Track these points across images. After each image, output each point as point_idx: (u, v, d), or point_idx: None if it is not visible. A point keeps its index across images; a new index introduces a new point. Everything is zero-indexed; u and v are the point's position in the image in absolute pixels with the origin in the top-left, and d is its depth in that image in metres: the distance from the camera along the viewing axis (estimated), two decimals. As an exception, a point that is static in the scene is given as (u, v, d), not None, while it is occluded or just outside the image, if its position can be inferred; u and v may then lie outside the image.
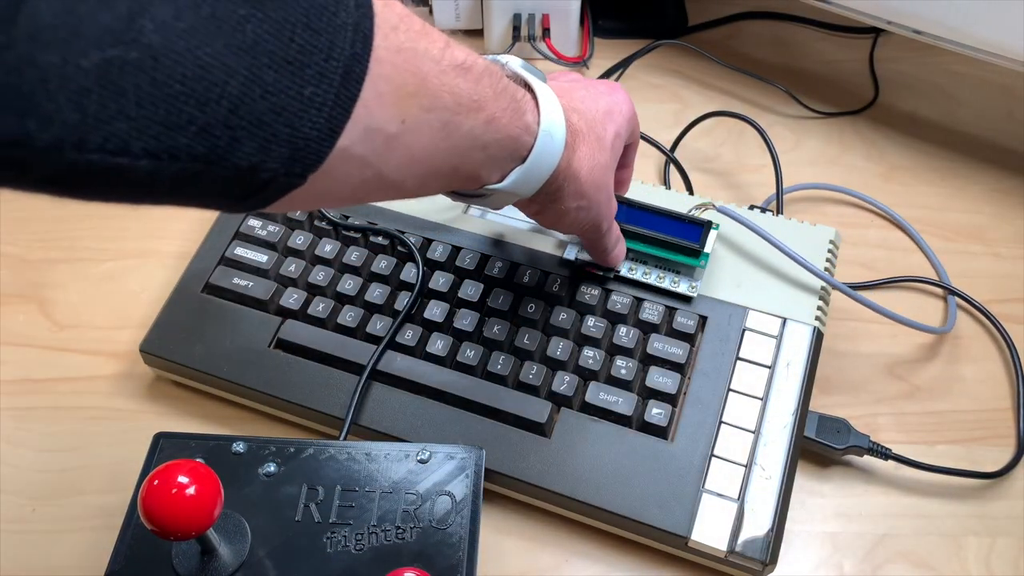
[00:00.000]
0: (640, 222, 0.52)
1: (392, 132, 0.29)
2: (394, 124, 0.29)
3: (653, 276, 0.51)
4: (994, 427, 0.52)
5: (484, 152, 0.35)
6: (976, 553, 0.48)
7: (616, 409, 0.47)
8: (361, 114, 0.27)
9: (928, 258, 0.60)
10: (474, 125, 0.33)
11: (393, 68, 0.28)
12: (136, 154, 0.23)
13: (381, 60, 0.28)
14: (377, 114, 0.28)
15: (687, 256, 0.51)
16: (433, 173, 0.34)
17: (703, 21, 0.76)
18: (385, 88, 0.28)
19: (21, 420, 0.52)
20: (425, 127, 0.31)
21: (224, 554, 0.41)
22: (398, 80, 0.29)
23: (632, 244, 0.51)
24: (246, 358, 0.50)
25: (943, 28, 0.58)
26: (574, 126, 0.41)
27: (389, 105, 0.29)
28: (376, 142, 0.29)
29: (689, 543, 0.44)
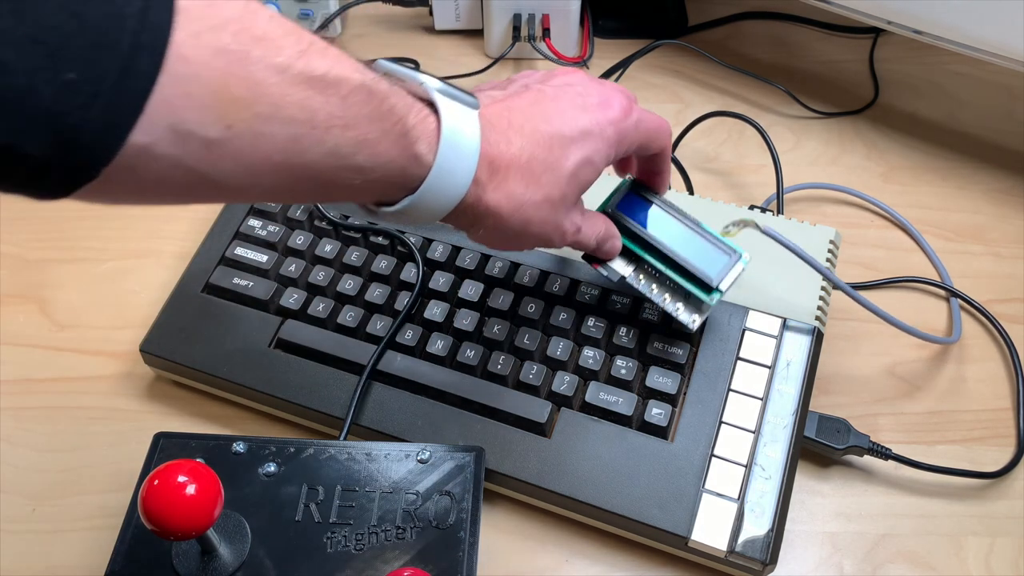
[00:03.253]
0: (663, 233, 0.47)
1: (213, 137, 0.28)
2: (214, 129, 0.28)
3: (656, 294, 0.47)
4: (994, 427, 0.52)
5: (362, 175, 0.33)
6: (976, 553, 0.48)
7: (616, 409, 0.47)
8: (162, 111, 0.26)
9: (929, 258, 0.60)
10: (339, 144, 0.31)
11: (208, 68, 0.27)
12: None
13: (188, 58, 0.26)
14: (186, 115, 0.27)
15: (699, 287, 0.46)
16: (296, 185, 0.32)
17: (703, 21, 0.76)
18: (197, 89, 0.27)
19: (21, 420, 0.52)
20: (264, 137, 0.29)
21: (224, 554, 0.41)
22: (217, 82, 0.27)
23: (643, 253, 0.47)
24: (246, 358, 0.50)
25: (943, 28, 0.58)
26: (498, 158, 0.37)
27: (204, 108, 0.27)
28: (191, 145, 0.28)
29: (689, 543, 0.44)
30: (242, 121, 0.28)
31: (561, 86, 0.42)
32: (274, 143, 0.30)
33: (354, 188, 0.34)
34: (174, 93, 0.26)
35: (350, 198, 0.35)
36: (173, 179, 0.29)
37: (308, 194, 0.34)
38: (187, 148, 0.28)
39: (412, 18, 0.77)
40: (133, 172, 0.27)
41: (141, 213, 0.62)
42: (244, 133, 0.29)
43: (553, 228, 0.41)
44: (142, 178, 0.28)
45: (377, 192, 0.36)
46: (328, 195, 0.34)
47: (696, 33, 0.76)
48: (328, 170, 0.32)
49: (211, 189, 0.30)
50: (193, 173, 0.29)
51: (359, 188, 0.34)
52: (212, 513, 0.36)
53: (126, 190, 0.28)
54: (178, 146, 0.27)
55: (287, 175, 0.31)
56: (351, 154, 0.32)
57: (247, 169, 0.30)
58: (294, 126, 0.30)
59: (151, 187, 0.29)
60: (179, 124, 0.27)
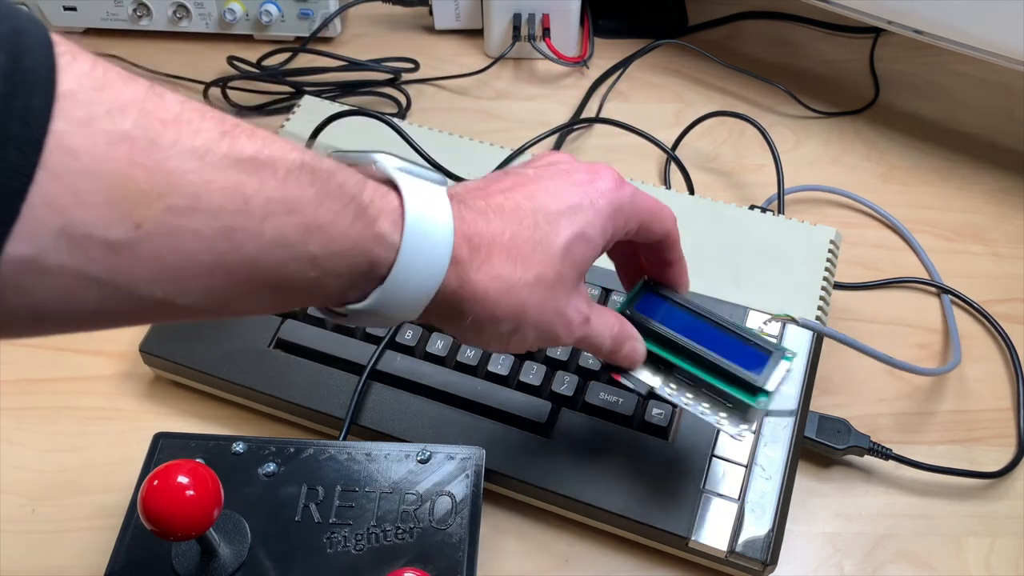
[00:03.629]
0: (693, 333, 0.41)
1: (118, 239, 0.24)
2: (119, 228, 0.24)
3: (694, 405, 0.40)
4: (994, 427, 0.52)
5: (315, 265, 0.28)
6: (976, 553, 0.48)
7: (616, 409, 0.47)
8: (45, 214, 0.22)
9: (920, 259, 0.60)
10: (283, 233, 0.27)
11: (103, 160, 0.23)
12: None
13: (75, 150, 0.23)
14: (80, 216, 0.23)
15: (743, 390, 0.40)
16: (238, 289, 0.27)
17: (703, 21, 0.76)
18: (90, 184, 0.23)
19: (21, 420, 0.52)
20: (185, 233, 0.25)
21: (224, 554, 0.41)
22: (116, 175, 0.23)
23: (673, 358, 0.41)
24: (246, 358, 0.50)
25: (943, 28, 0.58)
26: (477, 236, 0.33)
27: (101, 205, 0.23)
28: (92, 251, 0.23)
29: (689, 543, 0.44)
30: (152, 218, 0.24)
31: (544, 166, 0.38)
32: (199, 240, 0.25)
33: (312, 285, 0.29)
34: (59, 191, 0.22)
35: (309, 300, 0.31)
36: (79, 296, 0.24)
37: (256, 300, 0.29)
38: (88, 255, 0.24)
39: (412, 18, 0.77)
40: (21, 292, 0.23)
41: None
42: (157, 231, 0.24)
43: (554, 315, 0.35)
44: (37, 299, 0.24)
45: (341, 288, 0.31)
46: (282, 298, 0.30)
47: (696, 33, 0.76)
48: (274, 266, 0.27)
49: (131, 304, 0.26)
50: (103, 285, 0.24)
51: (317, 284, 0.29)
52: (212, 513, 0.36)
53: (20, 315, 0.24)
54: (75, 254, 0.23)
55: (224, 277, 0.27)
56: (300, 242, 0.28)
57: (171, 274, 0.25)
58: (223, 217, 0.26)
59: (52, 308, 0.24)
60: (72, 227, 0.23)
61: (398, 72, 0.69)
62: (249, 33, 0.74)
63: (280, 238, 0.27)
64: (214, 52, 0.73)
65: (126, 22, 0.73)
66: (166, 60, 0.72)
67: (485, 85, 0.72)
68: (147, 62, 0.72)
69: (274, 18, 0.71)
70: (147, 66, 0.71)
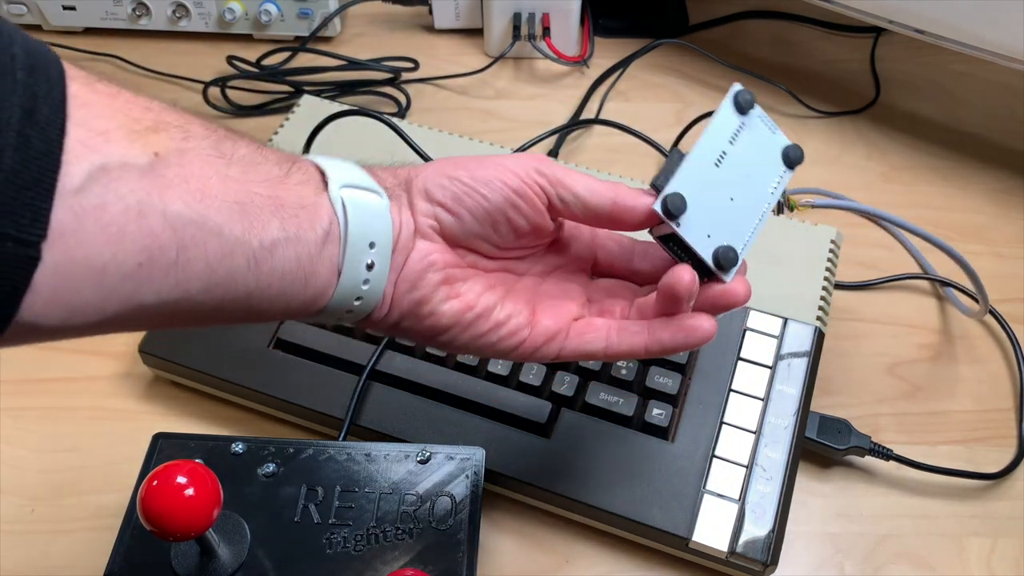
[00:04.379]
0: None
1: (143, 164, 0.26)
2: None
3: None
4: (996, 427, 0.52)
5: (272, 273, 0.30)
6: (977, 554, 0.47)
7: (617, 409, 0.47)
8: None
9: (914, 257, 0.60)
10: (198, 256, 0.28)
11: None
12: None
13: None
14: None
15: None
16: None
17: (704, 20, 0.76)
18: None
19: (21, 420, 0.52)
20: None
21: (223, 554, 0.41)
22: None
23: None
24: (246, 358, 0.50)
25: (944, 27, 0.58)
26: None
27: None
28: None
29: (690, 544, 0.44)
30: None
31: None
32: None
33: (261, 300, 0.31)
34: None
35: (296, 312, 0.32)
36: (125, 233, 0.26)
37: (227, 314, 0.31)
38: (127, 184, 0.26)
39: (412, 17, 0.77)
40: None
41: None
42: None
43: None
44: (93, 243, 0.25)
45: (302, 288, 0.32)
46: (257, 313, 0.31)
47: (697, 32, 0.76)
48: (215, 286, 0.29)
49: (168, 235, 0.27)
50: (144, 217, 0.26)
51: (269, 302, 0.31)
52: (211, 514, 0.36)
53: (75, 275, 0.25)
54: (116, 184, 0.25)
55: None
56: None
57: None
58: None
59: (106, 259, 0.26)
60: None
61: (398, 72, 0.69)
62: (248, 32, 0.74)
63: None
64: (213, 51, 0.73)
65: (125, 21, 0.73)
66: (165, 60, 0.72)
67: (485, 85, 0.72)
68: (146, 62, 0.72)
69: (273, 17, 0.71)
70: (146, 66, 0.71)
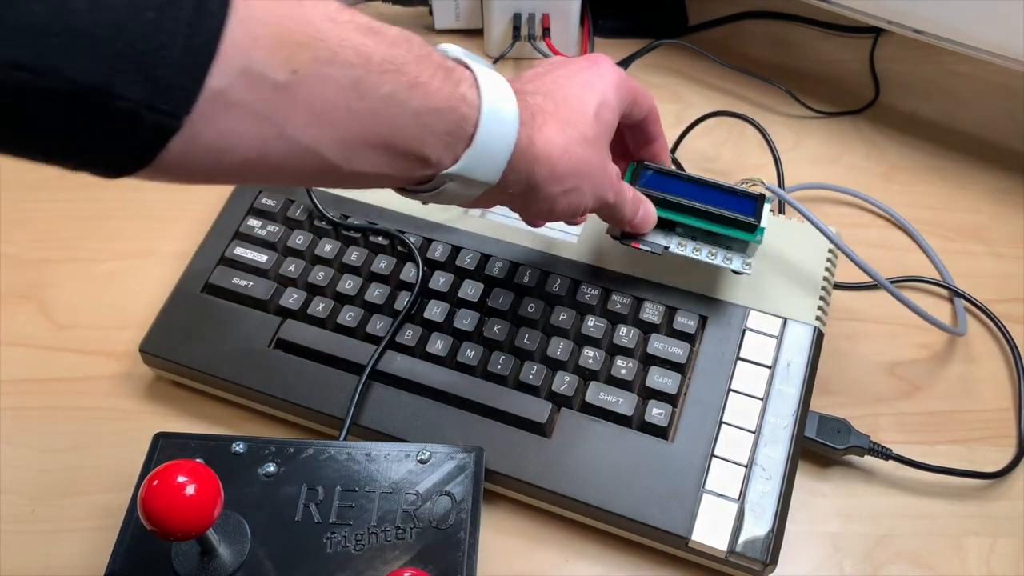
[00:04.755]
0: (688, 194, 0.48)
1: (281, 80, 0.28)
2: (282, 72, 0.28)
3: (704, 252, 0.48)
4: (995, 427, 0.52)
5: (418, 122, 0.33)
6: (977, 553, 0.48)
7: (616, 409, 0.47)
8: (233, 54, 0.26)
9: (930, 258, 0.60)
10: (395, 87, 0.32)
11: (269, 13, 0.28)
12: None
13: (250, 3, 0.27)
14: (256, 57, 0.27)
15: (742, 230, 0.47)
16: (360, 141, 0.32)
17: (703, 21, 0.76)
18: (262, 31, 0.27)
19: (21, 420, 0.52)
20: (327, 81, 0.30)
21: (224, 554, 0.41)
22: (279, 26, 0.28)
23: (680, 217, 0.47)
24: (246, 358, 0.50)
25: (944, 28, 0.58)
26: (534, 105, 0.39)
27: (270, 49, 0.28)
28: (263, 90, 0.28)
29: (689, 543, 0.44)
30: (305, 64, 0.29)
31: (550, 64, 0.44)
32: (337, 87, 0.30)
33: (414, 143, 0.33)
34: (242, 35, 0.27)
35: (410, 164, 0.34)
36: (251, 134, 0.29)
37: (371, 157, 0.33)
38: (259, 93, 0.28)
39: (412, 18, 0.77)
40: (209, 123, 0.27)
41: (142, 213, 0.62)
42: (309, 77, 0.29)
43: (601, 169, 0.42)
44: (221, 130, 0.28)
45: (437, 149, 0.35)
46: (391, 158, 0.34)
47: (696, 33, 0.76)
48: (387, 118, 0.32)
49: (283, 149, 0.30)
50: (265, 123, 0.29)
51: (419, 143, 0.34)
52: (212, 513, 0.36)
53: (200, 152, 0.28)
54: (250, 90, 0.28)
55: (351, 127, 0.31)
56: (406, 99, 0.32)
57: (316, 118, 0.30)
58: (353, 69, 0.30)
59: (225, 145, 0.28)
60: (250, 67, 0.27)
61: (398, 72, 0.69)
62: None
63: (392, 93, 0.32)
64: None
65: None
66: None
67: (485, 85, 0.72)
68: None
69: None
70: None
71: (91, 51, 0.24)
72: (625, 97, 0.44)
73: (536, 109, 0.39)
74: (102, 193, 0.63)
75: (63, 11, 0.23)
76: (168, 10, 0.25)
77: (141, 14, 0.24)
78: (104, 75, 0.24)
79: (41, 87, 0.24)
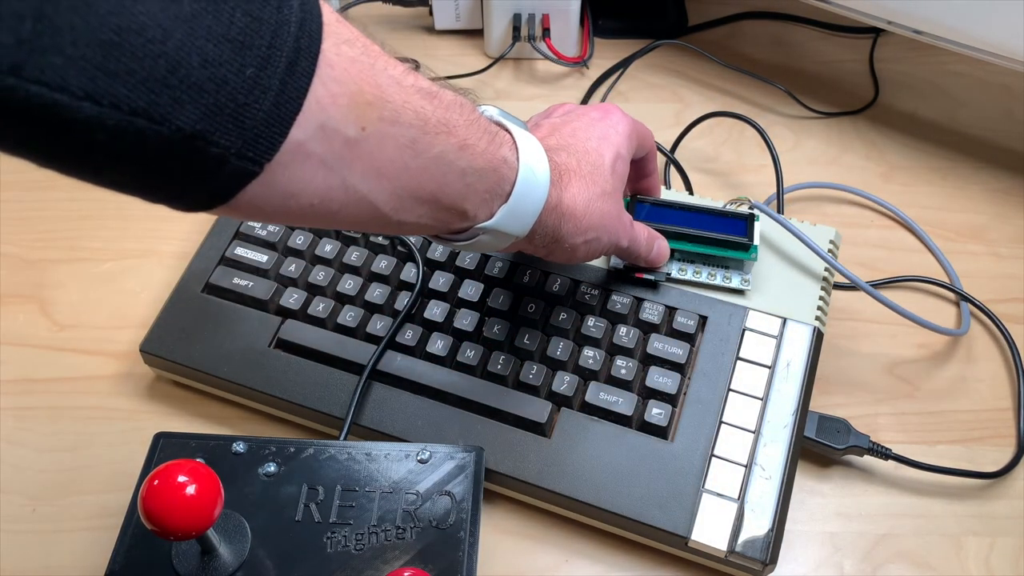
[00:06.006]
0: (682, 222, 0.51)
1: (351, 136, 0.31)
2: (352, 128, 0.30)
3: (704, 274, 0.51)
4: (994, 427, 0.52)
5: (464, 180, 0.36)
6: (976, 553, 0.48)
7: (616, 409, 0.47)
8: (314, 110, 0.29)
9: (935, 255, 0.60)
10: (446, 148, 0.34)
11: (347, 74, 0.30)
12: (76, 93, 0.24)
13: (332, 64, 0.29)
14: (332, 114, 0.30)
15: (736, 251, 0.51)
16: (410, 194, 0.34)
17: (703, 21, 0.76)
18: (339, 91, 0.30)
19: (21, 420, 0.52)
20: (389, 139, 0.32)
21: (224, 554, 0.41)
22: (353, 87, 0.30)
23: (677, 244, 0.51)
24: (246, 358, 0.51)
25: (943, 28, 0.58)
26: (561, 164, 0.42)
27: (345, 108, 0.30)
28: (334, 143, 0.30)
29: (689, 543, 0.44)
30: (372, 123, 0.31)
31: (563, 115, 0.47)
32: (396, 144, 0.32)
33: (459, 198, 0.36)
34: (324, 93, 0.29)
35: (453, 217, 0.37)
36: (318, 182, 0.31)
37: (419, 209, 0.35)
38: (331, 147, 0.30)
39: (412, 18, 0.77)
40: (287, 169, 0.29)
41: (142, 213, 0.62)
42: (374, 134, 0.31)
43: (617, 219, 0.45)
44: (293, 177, 0.30)
45: (476, 204, 0.37)
46: (436, 211, 0.36)
47: (696, 33, 0.76)
48: (437, 175, 0.35)
49: (347, 198, 0.32)
50: (334, 175, 0.31)
51: (462, 199, 0.36)
52: (212, 513, 0.36)
53: (273, 195, 0.30)
54: (324, 144, 0.30)
55: (405, 182, 0.34)
56: (455, 159, 0.35)
57: (374, 173, 0.32)
58: (412, 130, 0.33)
59: (299, 189, 0.30)
60: (327, 122, 0.29)
61: (398, 72, 0.69)
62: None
63: (443, 154, 0.34)
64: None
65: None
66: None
67: (485, 85, 0.72)
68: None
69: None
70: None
71: (197, 102, 0.26)
72: (634, 146, 0.47)
73: (563, 168, 0.42)
74: (102, 193, 0.62)
75: (180, 66, 0.25)
76: (265, 68, 0.27)
77: (244, 70, 0.27)
78: (205, 124, 0.27)
79: (151, 132, 0.26)
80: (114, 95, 0.25)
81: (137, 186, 0.29)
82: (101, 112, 0.25)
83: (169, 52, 0.25)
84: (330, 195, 0.32)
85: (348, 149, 0.31)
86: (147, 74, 0.25)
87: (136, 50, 0.24)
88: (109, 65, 0.24)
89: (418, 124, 0.33)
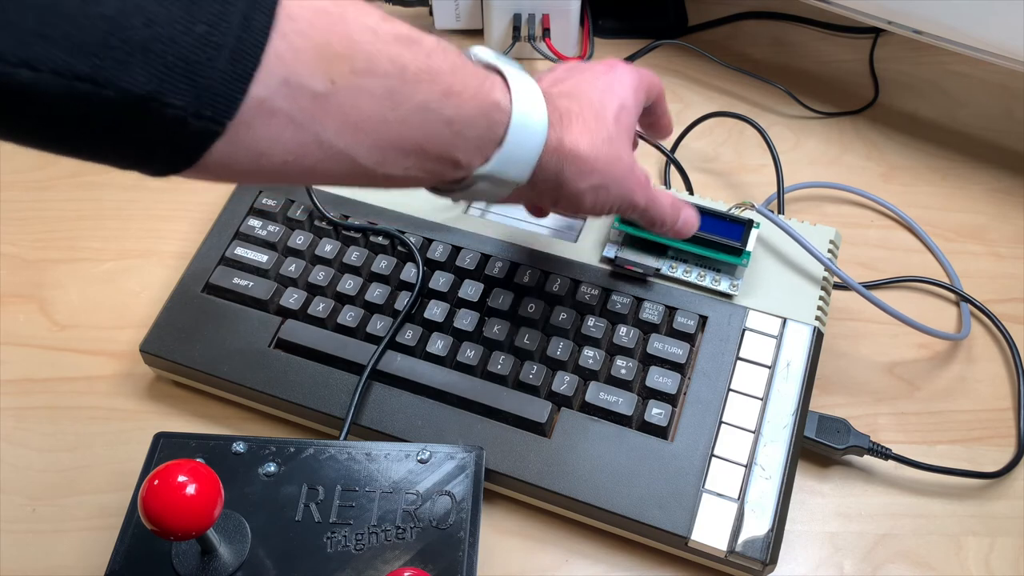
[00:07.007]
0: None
1: (319, 90, 0.30)
2: (320, 82, 0.30)
3: (694, 274, 0.51)
4: (994, 427, 0.52)
5: (451, 129, 0.34)
6: (976, 553, 0.48)
7: (616, 409, 0.47)
8: (275, 64, 0.28)
9: (935, 255, 0.60)
10: (428, 97, 0.33)
11: (312, 27, 0.29)
12: (10, 60, 0.24)
13: (294, 16, 0.28)
14: (296, 68, 0.29)
15: (729, 255, 0.51)
16: (392, 147, 0.33)
17: (703, 21, 0.76)
18: (303, 44, 0.29)
19: (21, 420, 0.52)
20: (363, 92, 0.31)
21: (224, 554, 0.41)
22: (320, 39, 0.29)
23: (671, 241, 0.51)
24: (246, 358, 0.51)
25: (943, 28, 0.58)
26: (561, 107, 0.40)
27: (310, 61, 0.29)
28: (301, 99, 0.29)
29: (689, 543, 0.44)
30: (343, 76, 0.30)
31: (569, 68, 0.45)
32: (371, 97, 0.31)
33: (446, 147, 0.35)
34: (285, 48, 0.28)
35: (442, 167, 0.36)
36: (288, 139, 0.30)
37: (403, 161, 0.34)
38: (297, 102, 0.29)
39: (412, 18, 0.77)
40: (251, 128, 0.29)
41: (142, 213, 0.62)
42: (345, 88, 0.30)
43: (627, 168, 0.43)
44: (260, 136, 0.29)
45: (468, 152, 0.36)
46: (422, 161, 0.35)
47: (696, 33, 0.76)
48: (420, 126, 0.33)
49: (323, 154, 0.31)
50: (305, 132, 0.30)
51: (450, 147, 0.35)
52: (212, 513, 0.36)
53: (241, 154, 0.29)
54: (290, 100, 0.29)
55: (385, 132, 0.32)
56: (439, 108, 0.33)
57: (349, 128, 0.31)
58: (388, 80, 0.31)
59: (268, 148, 0.30)
60: (290, 77, 0.29)
61: (398, 72, 0.69)
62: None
63: (426, 103, 0.33)
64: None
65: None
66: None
67: (485, 85, 0.72)
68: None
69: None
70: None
71: (144, 64, 0.26)
72: (642, 99, 0.46)
73: (564, 111, 0.40)
74: (102, 193, 0.63)
75: (121, 27, 0.25)
76: (218, 24, 0.26)
77: (193, 28, 0.26)
78: (155, 85, 0.26)
79: (98, 97, 0.25)
80: (52, 60, 0.24)
81: (103, 153, 0.28)
82: (39, 78, 0.24)
83: (108, 13, 0.24)
84: (303, 152, 0.31)
85: (317, 104, 0.30)
86: (84, 37, 0.24)
87: (72, 13, 0.24)
88: (44, 30, 0.24)
89: (395, 73, 0.32)
